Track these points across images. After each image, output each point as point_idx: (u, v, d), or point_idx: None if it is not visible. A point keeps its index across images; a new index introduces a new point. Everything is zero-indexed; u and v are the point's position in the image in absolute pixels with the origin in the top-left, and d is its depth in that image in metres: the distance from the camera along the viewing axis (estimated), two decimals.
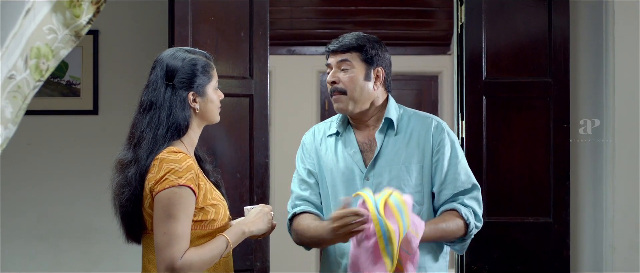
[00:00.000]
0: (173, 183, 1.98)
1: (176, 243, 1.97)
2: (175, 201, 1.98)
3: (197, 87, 2.12)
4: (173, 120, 2.07)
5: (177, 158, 2.01)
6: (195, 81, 2.11)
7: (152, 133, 2.05)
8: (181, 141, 2.10)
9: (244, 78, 3.58)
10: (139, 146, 2.05)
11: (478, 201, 2.52)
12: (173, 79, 2.09)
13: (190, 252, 2.00)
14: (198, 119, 2.15)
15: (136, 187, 2.03)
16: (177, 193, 1.98)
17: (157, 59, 2.15)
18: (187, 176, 2.00)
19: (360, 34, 2.55)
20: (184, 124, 2.09)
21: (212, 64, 2.19)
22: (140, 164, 2.03)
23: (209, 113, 2.17)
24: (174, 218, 1.97)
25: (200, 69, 2.13)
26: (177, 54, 2.14)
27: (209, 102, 2.15)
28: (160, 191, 1.98)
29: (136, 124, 2.10)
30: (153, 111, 2.07)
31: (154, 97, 2.08)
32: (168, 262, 1.96)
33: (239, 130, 3.58)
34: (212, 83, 2.16)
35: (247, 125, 3.59)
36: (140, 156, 2.04)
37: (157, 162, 2.01)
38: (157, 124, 2.05)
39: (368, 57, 2.50)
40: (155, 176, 2.00)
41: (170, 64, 2.11)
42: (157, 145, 2.04)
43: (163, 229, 1.98)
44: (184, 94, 2.09)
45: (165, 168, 1.99)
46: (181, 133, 2.09)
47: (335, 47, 2.53)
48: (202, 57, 2.17)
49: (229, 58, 3.56)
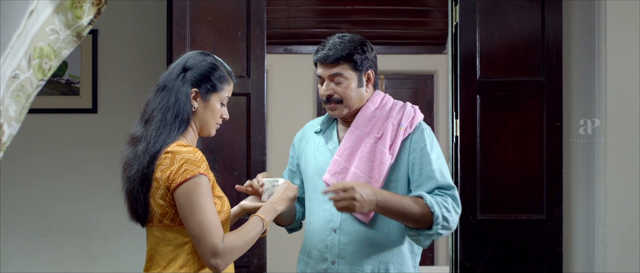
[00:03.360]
0: (193, 172, 2.02)
1: (213, 230, 2.02)
2: (199, 191, 2.03)
3: (203, 89, 2.16)
4: (178, 107, 2.12)
5: (189, 150, 2.06)
6: (204, 82, 2.16)
7: (162, 114, 2.11)
8: (185, 137, 2.15)
9: (241, 77, 3.62)
10: (150, 124, 2.11)
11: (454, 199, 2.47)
12: (187, 71, 2.16)
13: (230, 236, 2.07)
14: (196, 121, 2.18)
15: (144, 164, 2.07)
16: (198, 182, 2.03)
17: (188, 52, 2.24)
18: (203, 166, 2.06)
19: (345, 40, 2.53)
20: (186, 115, 2.13)
21: (229, 80, 2.22)
22: (149, 143, 2.08)
23: (205, 122, 2.19)
24: (202, 207, 2.03)
25: (215, 75, 2.18)
26: (204, 54, 2.22)
27: (209, 110, 2.18)
28: (182, 182, 2.02)
29: (149, 102, 2.16)
30: (164, 93, 2.14)
31: (167, 81, 2.16)
32: (212, 250, 2.02)
33: (236, 128, 3.61)
34: (219, 94, 2.19)
35: (245, 123, 3.63)
36: (150, 134, 2.09)
37: (170, 155, 2.05)
38: (166, 107, 2.12)
39: (358, 65, 2.52)
40: (169, 167, 2.04)
41: (193, 58, 2.19)
42: (165, 127, 2.09)
43: (196, 220, 2.02)
44: (188, 89, 2.14)
45: (180, 159, 2.03)
46: (185, 123, 2.14)
47: (322, 59, 2.53)
48: (225, 69, 2.22)
49: (227, 57, 3.56)
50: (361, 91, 2.55)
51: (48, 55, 1.63)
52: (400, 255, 2.51)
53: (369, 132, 2.52)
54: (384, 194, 2.39)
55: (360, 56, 2.53)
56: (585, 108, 3.87)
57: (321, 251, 2.53)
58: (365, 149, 2.49)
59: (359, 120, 2.55)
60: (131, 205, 2.14)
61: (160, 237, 2.11)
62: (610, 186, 3.74)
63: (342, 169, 2.51)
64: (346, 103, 2.53)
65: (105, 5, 1.73)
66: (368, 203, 2.35)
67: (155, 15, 4.00)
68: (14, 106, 1.55)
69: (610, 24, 3.75)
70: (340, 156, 2.52)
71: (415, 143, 2.51)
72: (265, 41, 3.67)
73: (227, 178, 3.56)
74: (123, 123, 3.91)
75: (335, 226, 2.51)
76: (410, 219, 2.41)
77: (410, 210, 2.39)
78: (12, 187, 4.02)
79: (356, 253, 2.48)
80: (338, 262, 2.49)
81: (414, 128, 2.53)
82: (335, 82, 2.53)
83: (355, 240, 2.49)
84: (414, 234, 2.45)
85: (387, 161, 2.46)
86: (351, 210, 2.36)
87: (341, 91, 2.52)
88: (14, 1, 1.59)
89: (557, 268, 3.68)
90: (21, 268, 4.02)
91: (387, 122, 2.52)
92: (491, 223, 3.69)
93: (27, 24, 1.57)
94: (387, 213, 2.41)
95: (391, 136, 2.50)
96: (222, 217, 2.13)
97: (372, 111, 2.55)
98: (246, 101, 3.62)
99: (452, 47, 3.87)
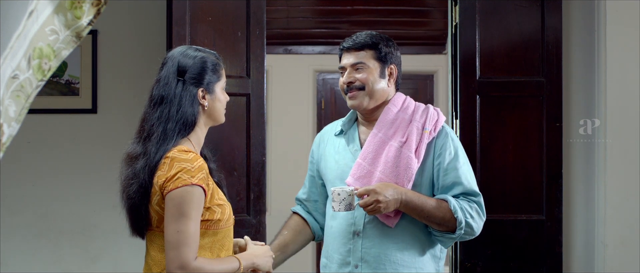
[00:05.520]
0: (186, 181, 1.99)
1: (190, 242, 1.97)
2: (188, 200, 1.99)
3: (206, 85, 2.14)
4: (181, 115, 2.09)
5: (188, 157, 2.03)
6: (205, 78, 2.14)
7: (162, 127, 2.06)
8: (189, 139, 2.12)
9: (241, 77, 3.62)
10: (149, 140, 2.07)
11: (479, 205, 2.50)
12: (184, 75, 2.12)
13: (204, 259, 2.02)
14: (205, 117, 2.16)
15: (144, 180, 2.03)
16: (190, 192, 1.99)
17: (168, 56, 2.18)
18: (199, 176, 2.01)
19: (373, 33, 2.57)
20: (192, 120, 2.11)
21: (221, 64, 2.21)
22: (149, 157, 2.04)
23: (216, 112, 2.18)
24: (187, 217, 1.98)
25: (210, 67, 2.16)
26: (188, 51, 2.17)
27: (217, 101, 2.17)
28: (173, 189, 1.99)
29: (146, 118, 2.11)
30: (163, 105, 2.09)
31: (165, 92, 2.10)
32: (182, 262, 1.96)
33: (236, 129, 3.61)
34: (220, 83, 2.19)
35: (244, 124, 3.62)
36: (149, 149, 2.05)
37: (168, 160, 2.03)
38: (166, 119, 2.07)
39: (382, 55, 2.52)
40: (166, 173, 2.01)
41: (182, 60, 2.14)
42: (166, 139, 2.05)
43: (176, 227, 1.98)
44: (194, 91, 2.11)
45: (177, 166, 2.00)
46: (189, 129, 2.11)
47: (349, 45, 2.54)
48: (212, 56, 2.20)
49: (226, 57, 3.59)
50: (383, 83, 2.53)
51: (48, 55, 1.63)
52: (422, 260, 2.51)
53: (393, 135, 2.49)
54: (408, 193, 2.41)
55: (385, 47, 2.53)
56: (585, 108, 3.87)
57: (343, 255, 2.51)
58: (390, 153, 2.47)
59: (382, 122, 2.52)
60: (133, 221, 2.11)
61: (155, 242, 2.10)
62: (610, 186, 3.74)
63: (367, 173, 2.48)
64: (367, 90, 2.50)
65: (105, 6, 1.73)
66: (393, 202, 2.37)
67: (155, 15, 4.00)
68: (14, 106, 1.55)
69: (610, 24, 3.75)
70: (364, 159, 2.49)
71: (441, 148, 2.50)
72: (265, 41, 3.67)
73: (226, 178, 3.54)
74: (123, 123, 3.96)
75: (359, 230, 2.49)
76: (434, 221, 2.44)
77: (434, 212, 2.42)
78: (12, 187, 4.02)
79: (379, 257, 2.47)
80: (361, 266, 2.48)
81: (437, 131, 2.52)
82: (357, 70, 2.52)
83: (379, 244, 2.47)
84: (438, 235, 2.49)
85: (413, 166, 2.45)
86: (378, 212, 2.38)
87: (363, 77, 2.50)
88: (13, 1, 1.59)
89: (556, 268, 3.68)
90: (21, 268, 4.02)
91: (411, 125, 2.50)
92: (491, 223, 3.66)
93: (26, 24, 1.57)
94: (411, 212, 2.43)
95: (416, 140, 2.48)
96: (222, 225, 2.10)
97: (395, 113, 2.53)
98: (246, 101, 3.62)
99: (451, 48, 3.87)
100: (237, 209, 3.54)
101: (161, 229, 2.06)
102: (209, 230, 2.08)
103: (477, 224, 2.49)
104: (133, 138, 2.14)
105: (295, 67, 6.72)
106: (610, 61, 3.75)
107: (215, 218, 2.08)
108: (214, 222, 2.08)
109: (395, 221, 2.47)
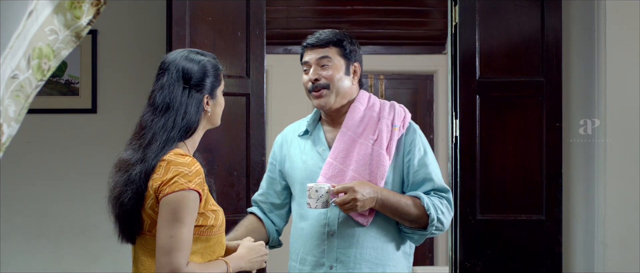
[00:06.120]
0: (182, 186, 1.95)
1: (182, 248, 1.94)
2: (184, 205, 1.95)
3: (210, 90, 2.11)
4: (186, 122, 2.05)
5: (185, 161, 1.99)
6: (208, 83, 2.11)
7: (166, 135, 2.02)
8: (185, 143, 2.09)
9: (241, 77, 3.62)
10: (149, 147, 2.02)
11: (449, 201, 2.51)
12: (189, 81, 2.07)
13: (195, 264, 1.99)
14: (205, 121, 2.13)
15: (140, 186, 1.99)
16: (186, 196, 1.96)
17: (168, 61, 2.11)
18: (196, 181, 1.98)
19: (336, 30, 2.57)
20: (194, 126, 2.08)
21: (221, 67, 2.18)
22: (147, 163, 2.00)
23: (215, 116, 2.16)
24: (181, 222, 1.95)
25: (213, 72, 2.12)
26: (190, 56, 2.12)
27: (218, 105, 2.15)
28: (169, 193, 1.95)
29: (149, 125, 2.05)
30: (169, 113, 2.04)
31: (170, 99, 2.05)
32: (174, 267, 1.93)
33: (236, 128, 3.61)
34: (221, 86, 2.17)
35: (244, 124, 3.63)
36: (148, 156, 2.01)
37: (164, 163, 1.99)
38: (172, 127, 2.03)
39: (347, 52, 2.52)
40: (162, 177, 1.97)
41: (186, 66, 2.09)
42: (167, 146, 2.02)
43: (169, 232, 1.94)
44: (199, 97, 2.08)
45: (174, 170, 1.97)
46: (189, 134, 2.08)
47: (313, 42, 2.55)
48: (212, 59, 2.16)
49: (226, 57, 3.59)
50: (348, 81, 2.52)
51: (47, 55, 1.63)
52: (395, 257, 2.51)
53: (362, 133, 2.49)
54: (383, 192, 2.40)
55: (350, 45, 2.54)
56: (585, 108, 3.87)
57: (317, 256, 2.49)
58: (361, 151, 2.46)
59: (350, 121, 2.50)
60: (124, 227, 2.07)
61: (146, 247, 2.06)
62: (609, 187, 3.74)
63: (339, 172, 2.46)
64: (333, 88, 2.49)
65: (105, 6, 1.73)
66: (370, 201, 2.36)
67: (154, 15, 4.00)
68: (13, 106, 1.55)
69: (609, 24, 3.75)
70: (334, 159, 2.48)
71: (410, 144, 2.50)
72: (264, 41, 3.67)
73: (226, 178, 3.56)
74: (123, 123, 3.96)
75: (333, 230, 2.47)
76: (407, 218, 2.43)
77: (408, 210, 2.42)
78: (12, 187, 4.02)
79: (355, 257, 2.46)
80: (336, 267, 2.46)
81: (406, 128, 2.53)
82: (322, 66, 2.51)
83: (354, 243, 2.46)
84: (409, 232, 2.48)
85: (386, 163, 2.45)
86: (354, 210, 2.36)
87: (328, 74, 2.50)
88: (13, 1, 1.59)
89: (556, 268, 3.68)
90: (21, 268, 4.02)
91: (380, 123, 2.49)
92: (491, 224, 3.70)
93: (26, 24, 1.57)
94: (386, 211, 2.42)
95: (387, 138, 2.48)
96: (215, 231, 2.07)
97: (362, 112, 2.52)
98: (246, 102, 3.62)
99: (451, 48, 3.87)
100: (236, 209, 3.54)
101: (153, 233, 2.02)
102: (202, 236, 2.05)
103: (447, 220, 2.49)
104: (129, 143, 2.09)
105: (295, 67, 6.68)
106: (610, 61, 3.75)
107: (209, 224, 2.05)
108: (207, 228, 2.05)
109: (370, 220, 2.45)
